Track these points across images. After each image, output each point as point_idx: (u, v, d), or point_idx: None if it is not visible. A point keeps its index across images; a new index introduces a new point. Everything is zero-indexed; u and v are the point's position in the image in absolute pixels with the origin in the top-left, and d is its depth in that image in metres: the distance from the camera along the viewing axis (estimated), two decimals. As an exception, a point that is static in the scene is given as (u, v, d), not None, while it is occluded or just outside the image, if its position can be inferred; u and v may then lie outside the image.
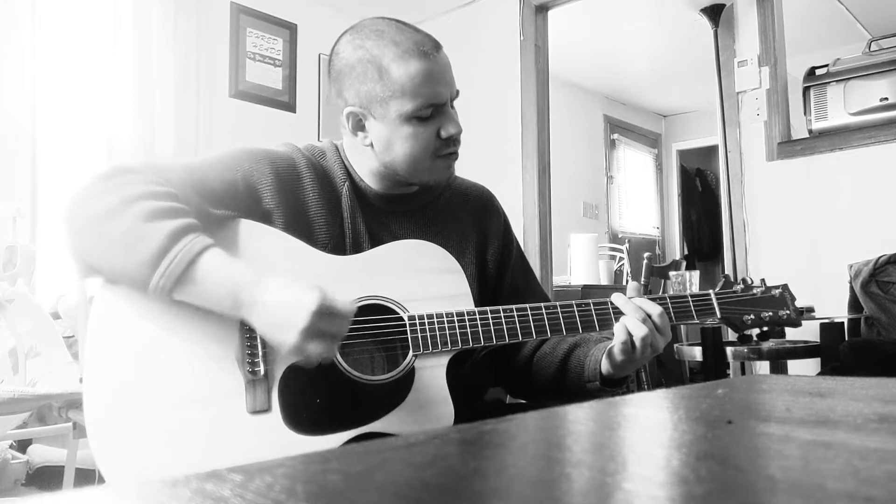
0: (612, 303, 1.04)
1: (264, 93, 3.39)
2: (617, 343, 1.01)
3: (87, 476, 2.10)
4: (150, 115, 2.90)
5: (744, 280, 1.11)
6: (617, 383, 1.08)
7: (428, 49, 1.00)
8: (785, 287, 1.11)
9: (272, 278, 0.86)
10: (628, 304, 1.02)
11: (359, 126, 1.04)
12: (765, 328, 1.08)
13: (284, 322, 0.83)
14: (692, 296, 1.07)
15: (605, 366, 1.06)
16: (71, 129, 2.88)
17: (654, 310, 1.01)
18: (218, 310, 0.87)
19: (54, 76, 2.81)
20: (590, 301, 1.04)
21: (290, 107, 3.50)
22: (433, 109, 1.01)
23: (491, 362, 1.19)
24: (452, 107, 1.05)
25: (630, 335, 0.99)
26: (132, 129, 2.85)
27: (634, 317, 1.00)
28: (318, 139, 1.42)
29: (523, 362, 1.17)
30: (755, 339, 1.08)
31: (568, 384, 1.11)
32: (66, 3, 2.86)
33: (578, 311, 1.03)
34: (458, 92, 1.05)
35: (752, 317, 1.08)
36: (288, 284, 0.85)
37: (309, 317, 0.82)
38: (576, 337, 1.13)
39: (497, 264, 1.19)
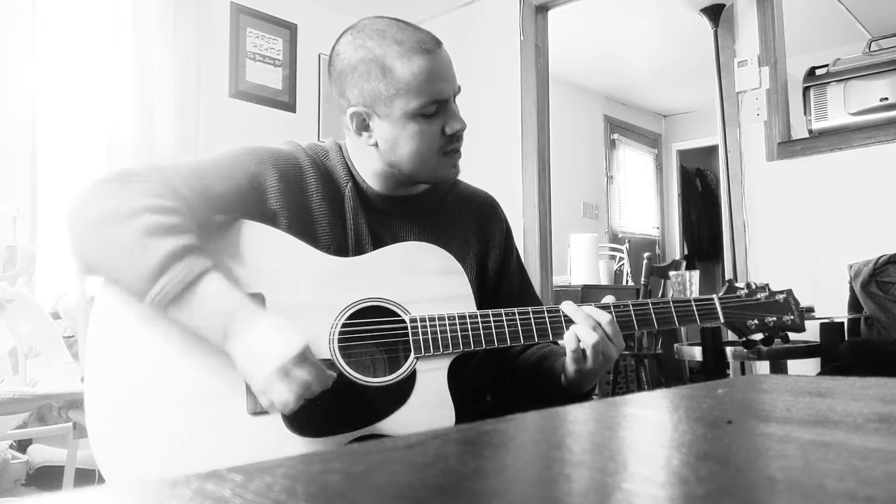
0: (562, 311, 1.01)
1: (264, 93, 3.39)
2: (568, 353, 0.99)
3: (87, 476, 2.10)
4: (150, 115, 2.90)
5: (748, 285, 1.11)
6: (580, 399, 1.06)
7: (430, 46, 1.00)
8: (789, 292, 1.11)
9: (265, 316, 0.86)
10: (578, 312, 1.00)
11: (363, 126, 1.04)
12: (768, 333, 1.08)
13: (259, 357, 0.83)
14: (696, 300, 1.06)
15: (563, 381, 1.05)
16: (71, 129, 2.88)
17: (604, 317, 0.99)
18: (206, 336, 0.86)
19: (54, 76, 2.81)
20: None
21: (290, 107, 3.50)
22: (437, 106, 1.01)
23: (492, 364, 1.19)
24: (454, 103, 1.05)
25: (581, 344, 0.97)
26: (132, 129, 2.85)
27: (585, 325, 0.98)
28: (319, 139, 1.42)
29: (507, 367, 1.18)
30: (759, 344, 1.08)
31: (542, 393, 1.10)
32: (66, 4, 2.86)
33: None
34: (459, 88, 1.05)
35: (756, 322, 1.08)
36: (278, 324, 0.85)
37: (285, 357, 0.82)
38: (544, 349, 1.13)
39: (497, 272, 1.19)
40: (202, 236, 0.91)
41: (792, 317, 1.08)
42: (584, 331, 0.97)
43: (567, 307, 1.01)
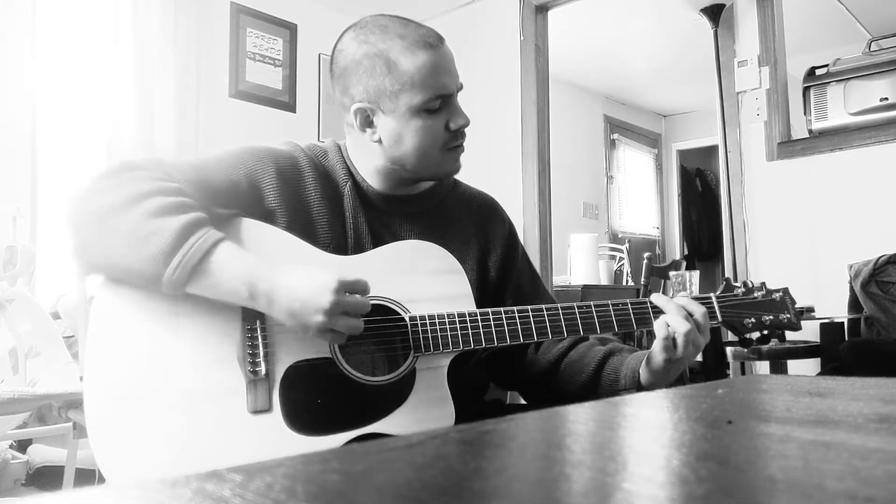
0: (650, 303, 1.03)
1: (264, 93, 3.39)
2: (658, 340, 1.00)
3: (87, 476, 2.10)
4: (150, 115, 2.90)
5: (745, 283, 1.11)
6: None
7: (433, 41, 1.01)
8: (785, 291, 1.11)
9: (285, 267, 0.87)
10: (670, 302, 1.02)
11: (367, 122, 1.04)
12: (765, 332, 1.08)
13: (307, 305, 0.84)
14: (694, 299, 1.06)
15: (643, 375, 1.04)
16: (71, 129, 2.88)
17: (697, 309, 1.01)
18: (232, 301, 0.87)
19: (54, 76, 2.81)
20: (591, 303, 1.03)
21: (290, 107, 3.50)
22: (441, 101, 1.01)
23: (492, 363, 1.19)
24: (457, 99, 1.06)
25: (672, 332, 0.98)
26: (132, 129, 2.85)
27: (677, 314, 0.99)
28: (319, 139, 1.42)
29: (546, 368, 1.15)
30: (755, 342, 1.08)
31: (600, 393, 1.09)
32: (66, 4, 2.86)
33: (579, 312, 1.02)
34: (462, 85, 1.06)
35: (753, 320, 1.08)
36: (301, 270, 0.87)
37: (330, 296, 0.84)
38: (608, 346, 1.13)
39: (499, 272, 1.18)
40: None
41: (788, 315, 1.08)
42: (676, 319, 0.99)
43: (657, 298, 1.03)
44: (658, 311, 1.02)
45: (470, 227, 1.17)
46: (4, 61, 2.60)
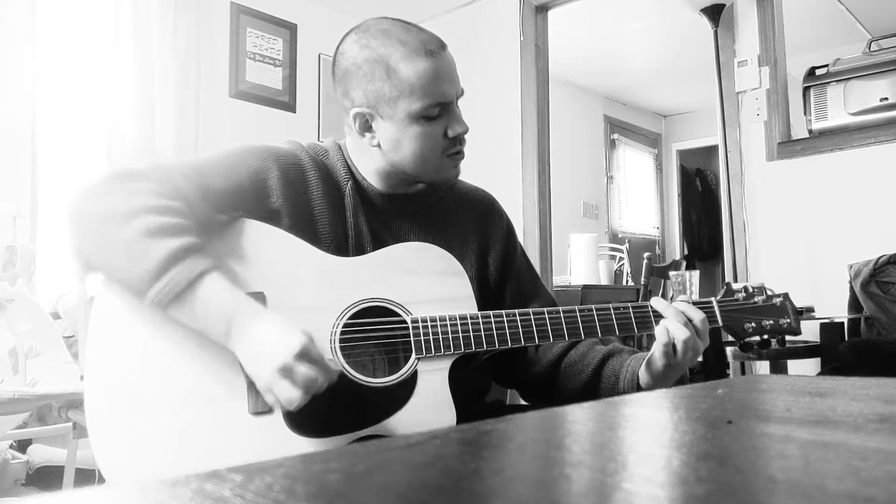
0: (650, 307, 1.03)
1: (264, 93, 3.39)
2: (658, 346, 1.00)
3: (87, 476, 2.10)
4: (150, 115, 2.90)
5: (745, 288, 1.11)
6: None
7: (434, 48, 1.00)
8: (786, 296, 1.11)
9: (266, 313, 0.86)
10: (669, 307, 1.02)
11: (366, 126, 1.04)
12: (765, 336, 1.08)
13: (261, 358, 0.83)
14: (694, 303, 1.06)
15: (643, 377, 1.04)
16: (71, 129, 2.88)
17: (696, 315, 1.01)
18: (207, 334, 0.87)
19: (54, 76, 2.81)
20: (592, 306, 1.03)
21: (290, 107, 3.50)
22: (440, 108, 1.01)
23: (493, 365, 1.18)
24: (457, 106, 1.06)
25: (672, 338, 0.99)
26: (132, 130, 2.85)
27: (676, 320, 0.99)
28: (319, 139, 1.42)
29: (546, 368, 1.15)
30: (755, 346, 1.08)
31: (600, 394, 1.09)
32: (66, 3, 2.86)
33: (581, 315, 1.02)
34: (462, 91, 1.06)
35: (753, 325, 1.08)
36: (276, 325, 0.85)
37: (284, 359, 0.82)
38: (608, 347, 1.13)
39: (499, 269, 1.18)
40: (204, 235, 0.91)
41: (788, 320, 1.09)
42: (675, 325, 0.99)
43: (657, 303, 1.03)
44: (659, 316, 1.03)
45: (469, 224, 1.17)
46: (4, 61, 2.60)
